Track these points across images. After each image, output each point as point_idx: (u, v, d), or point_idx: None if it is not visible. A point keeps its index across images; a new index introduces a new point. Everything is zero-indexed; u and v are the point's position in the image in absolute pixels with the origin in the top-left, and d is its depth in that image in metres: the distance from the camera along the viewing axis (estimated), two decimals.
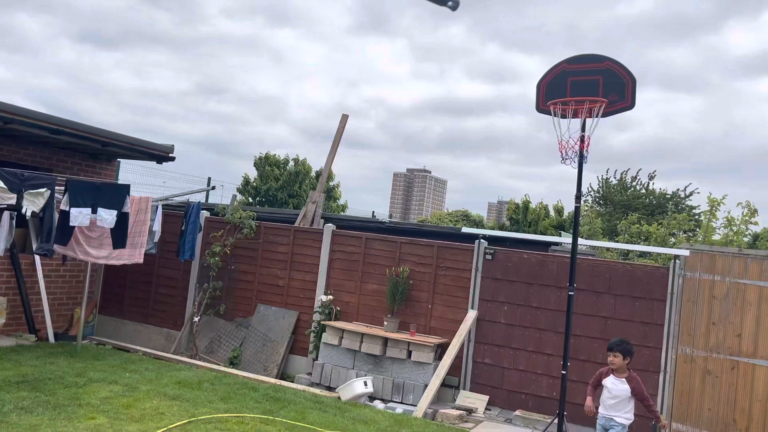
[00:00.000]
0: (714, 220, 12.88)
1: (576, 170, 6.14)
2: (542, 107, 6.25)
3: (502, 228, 26.81)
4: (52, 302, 9.61)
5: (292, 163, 27.27)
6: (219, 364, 8.98)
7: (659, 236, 13.18)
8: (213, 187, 12.27)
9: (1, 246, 7.62)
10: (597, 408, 5.67)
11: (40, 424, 5.52)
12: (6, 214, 7.67)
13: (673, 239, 13.94)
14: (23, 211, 7.49)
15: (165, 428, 5.77)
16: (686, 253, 7.49)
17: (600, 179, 23.80)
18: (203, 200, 12.76)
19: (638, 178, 23.30)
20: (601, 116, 6.02)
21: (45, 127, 8.31)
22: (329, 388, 8.34)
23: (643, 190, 22.92)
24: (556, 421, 6.06)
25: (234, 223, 9.76)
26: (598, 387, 5.72)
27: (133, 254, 8.71)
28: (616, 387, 5.55)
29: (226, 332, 9.66)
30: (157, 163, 10.59)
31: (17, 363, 7.52)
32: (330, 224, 9.63)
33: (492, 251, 8.40)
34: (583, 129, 6.00)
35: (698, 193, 23.06)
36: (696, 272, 7.43)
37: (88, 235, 8.30)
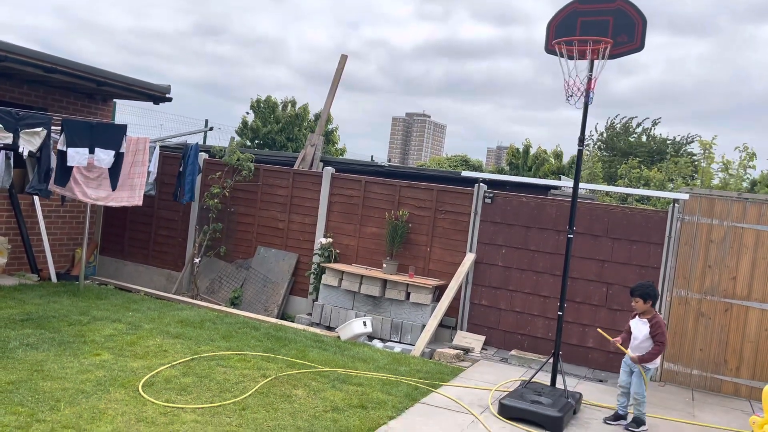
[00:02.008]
0: (711, 163, 12.86)
1: (581, 113, 6.07)
2: (551, 47, 6.12)
3: (500, 173, 26.77)
4: (52, 242, 9.66)
5: (289, 106, 26.90)
6: (220, 305, 9.12)
7: (659, 181, 13.17)
8: (211, 128, 12.14)
9: None
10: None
11: (46, 360, 5.64)
12: (2, 154, 7.61)
13: (672, 184, 13.94)
14: (20, 150, 7.43)
15: (168, 365, 5.90)
16: (685, 196, 7.49)
17: (608, 122, 23.55)
18: (201, 142, 12.66)
19: (642, 125, 23.05)
20: (610, 57, 5.87)
21: (39, 66, 8.15)
22: (329, 328, 8.49)
23: (645, 136, 22.73)
24: (551, 360, 6.19)
25: (232, 165, 9.70)
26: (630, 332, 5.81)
27: (132, 196, 8.69)
28: (637, 327, 5.69)
29: (226, 273, 9.76)
30: (154, 103, 10.45)
31: (21, 301, 7.62)
32: (329, 167, 9.59)
33: (491, 195, 8.40)
34: (590, 70, 5.88)
35: (700, 138, 22.86)
36: (694, 216, 7.46)
37: (87, 175, 8.27)
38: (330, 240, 9.14)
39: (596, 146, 23.12)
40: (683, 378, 7.45)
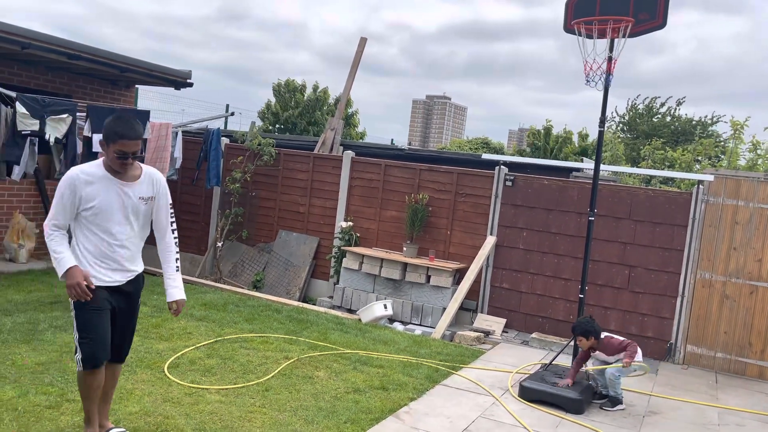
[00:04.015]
0: (740, 144, 12.59)
1: (601, 94, 5.99)
2: (569, 27, 6.02)
3: (521, 155, 26.54)
4: None
5: (310, 89, 26.87)
6: (243, 288, 9.23)
7: (684, 162, 12.95)
8: (232, 113, 12.19)
9: (18, 171, 7.64)
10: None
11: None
12: (27, 140, 7.74)
13: (697, 165, 13.70)
14: (46, 137, 7.55)
15: (193, 347, 6.01)
16: (710, 178, 7.38)
17: (628, 103, 23.18)
18: (222, 127, 12.74)
19: (666, 104, 22.63)
20: (631, 36, 5.77)
21: (63, 52, 8.26)
22: (350, 311, 8.56)
23: (669, 117, 22.34)
24: (572, 343, 6.18)
25: (253, 150, 9.76)
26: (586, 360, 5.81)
27: None
28: (601, 357, 5.75)
29: (248, 257, 9.87)
30: (176, 89, 10.52)
31: (50, 285, 7.80)
32: (349, 151, 9.60)
33: (512, 178, 8.35)
34: (611, 50, 5.79)
35: (725, 121, 22.42)
36: (719, 197, 7.35)
37: None
38: (350, 224, 9.18)
39: (618, 128, 22.80)
40: (707, 361, 7.39)
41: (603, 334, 5.72)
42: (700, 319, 7.41)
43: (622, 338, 5.76)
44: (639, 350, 5.65)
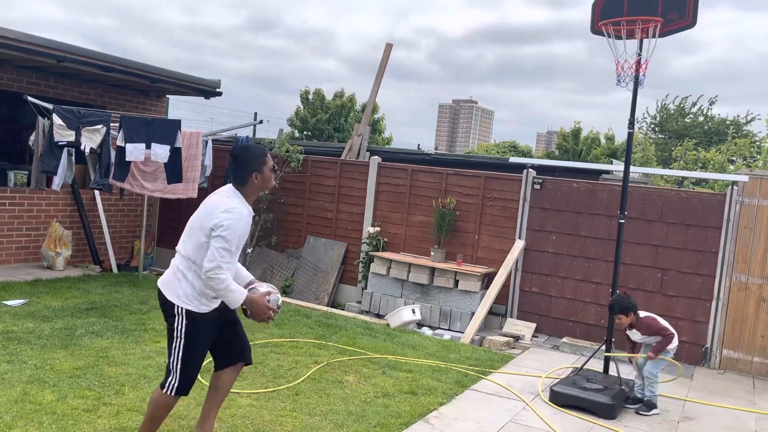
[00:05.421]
0: None
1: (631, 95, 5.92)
2: (597, 28, 5.97)
3: (549, 158, 26.30)
4: (113, 235, 10.07)
5: (333, 96, 27.05)
6: None
7: (717, 163, 12.69)
8: (260, 121, 12.35)
9: (58, 181, 7.91)
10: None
11: (111, 347, 5.91)
12: (65, 151, 7.96)
13: (731, 166, 13.42)
14: (82, 147, 7.75)
15: None
16: (745, 178, 7.23)
17: (658, 104, 22.83)
18: (251, 135, 12.91)
19: (698, 104, 22.20)
20: (661, 36, 5.69)
21: (97, 65, 8.48)
22: (378, 316, 8.58)
23: (702, 117, 21.91)
24: (603, 347, 6.10)
25: (281, 157, 9.88)
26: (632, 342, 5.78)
27: (186, 189, 8.95)
28: (635, 335, 5.71)
29: (278, 263, 9.97)
30: (205, 98, 10.72)
31: (85, 291, 7.99)
32: (376, 157, 9.65)
33: (540, 181, 8.30)
34: (640, 49, 5.73)
35: (759, 119, 21.94)
36: (754, 198, 7.19)
37: (143, 169, 8.56)
38: (378, 229, 9.21)
39: (649, 128, 22.46)
40: (744, 365, 7.22)
41: (645, 314, 5.65)
42: (736, 323, 7.26)
43: (665, 324, 5.60)
44: (675, 341, 5.56)
